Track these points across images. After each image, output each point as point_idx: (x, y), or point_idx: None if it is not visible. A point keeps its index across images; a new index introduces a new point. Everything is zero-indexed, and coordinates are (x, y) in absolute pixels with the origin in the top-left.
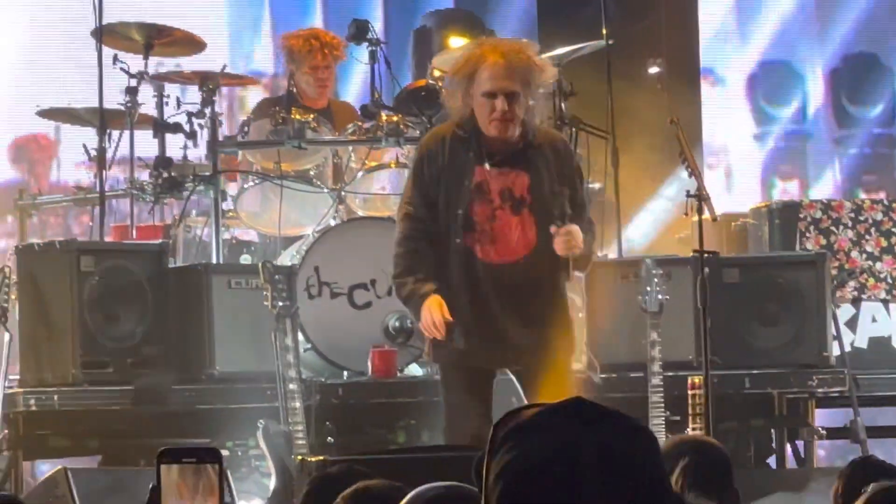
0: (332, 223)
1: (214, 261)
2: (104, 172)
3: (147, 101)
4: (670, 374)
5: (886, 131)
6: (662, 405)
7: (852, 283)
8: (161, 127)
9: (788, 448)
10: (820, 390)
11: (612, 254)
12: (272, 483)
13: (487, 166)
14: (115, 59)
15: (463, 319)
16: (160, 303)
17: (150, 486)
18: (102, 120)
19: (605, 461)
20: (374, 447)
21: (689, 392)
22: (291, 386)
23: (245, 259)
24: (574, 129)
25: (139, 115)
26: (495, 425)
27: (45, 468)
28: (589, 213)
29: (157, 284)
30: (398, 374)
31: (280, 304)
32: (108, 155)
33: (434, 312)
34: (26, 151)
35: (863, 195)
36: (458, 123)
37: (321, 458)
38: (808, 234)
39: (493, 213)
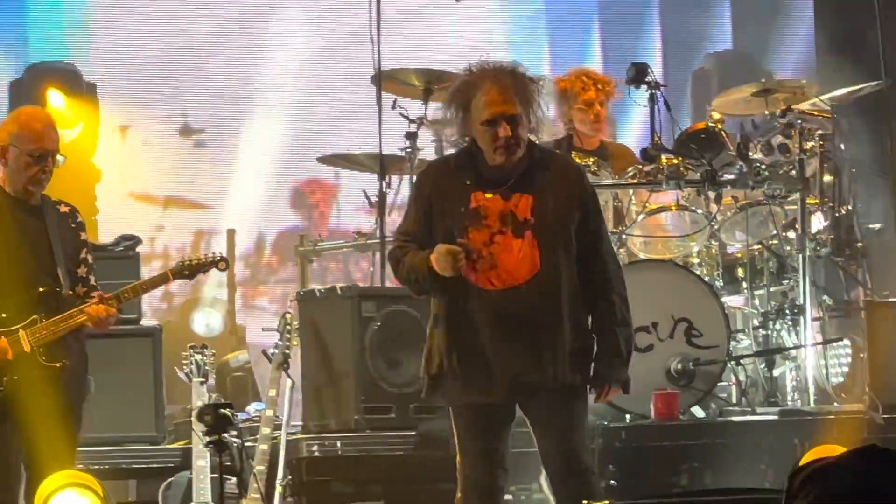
0: None
1: None
2: (385, 217)
3: (426, 146)
4: None
5: None
6: None
7: None
8: None
9: None
10: None
11: (893, 296)
12: None
13: (488, 194)
14: (395, 104)
15: (461, 353)
16: None
17: None
18: (382, 165)
19: None
20: (657, 490)
21: None
22: None
23: None
24: (853, 170)
25: (419, 160)
26: (791, 473)
27: None
28: (609, 245)
29: None
30: (681, 417)
31: None
32: (389, 200)
33: (441, 249)
34: (306, 197)
35: None
36: (455, 155)
37: (606, 501)
38: None
39: (491, 238)
